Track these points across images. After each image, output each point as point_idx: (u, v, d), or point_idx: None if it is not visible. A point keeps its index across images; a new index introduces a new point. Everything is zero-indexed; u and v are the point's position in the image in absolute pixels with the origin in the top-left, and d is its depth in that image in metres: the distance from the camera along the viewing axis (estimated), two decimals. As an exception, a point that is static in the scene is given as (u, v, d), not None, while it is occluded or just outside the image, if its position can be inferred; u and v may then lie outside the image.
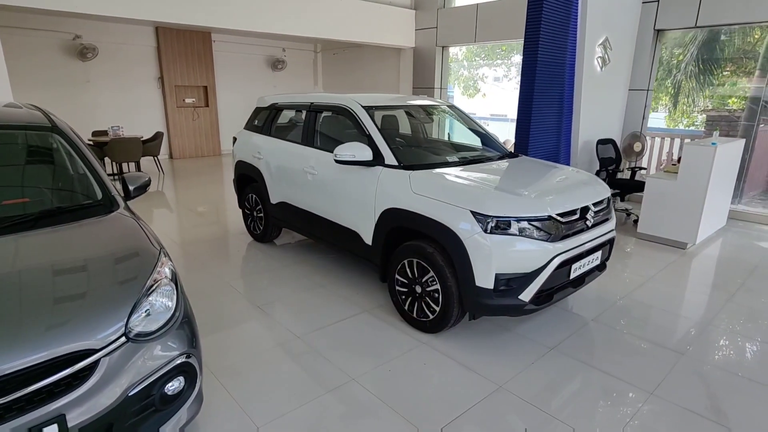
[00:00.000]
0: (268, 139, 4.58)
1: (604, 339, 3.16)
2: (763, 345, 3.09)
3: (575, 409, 2.43)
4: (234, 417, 2.31)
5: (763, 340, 3.14)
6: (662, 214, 5.00)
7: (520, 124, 5.63)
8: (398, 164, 3.28)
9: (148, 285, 1.81)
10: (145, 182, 2.64)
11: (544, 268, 2.73)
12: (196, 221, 5.93)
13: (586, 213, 3.01)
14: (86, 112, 9.50)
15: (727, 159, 5.03)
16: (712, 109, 7.72)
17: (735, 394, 2.57)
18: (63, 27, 8.90)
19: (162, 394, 1.78)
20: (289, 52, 12.53)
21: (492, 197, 2.82)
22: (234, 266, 4.42)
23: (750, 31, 6.76)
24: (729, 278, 4.23)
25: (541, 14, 5.21)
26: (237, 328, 3.20)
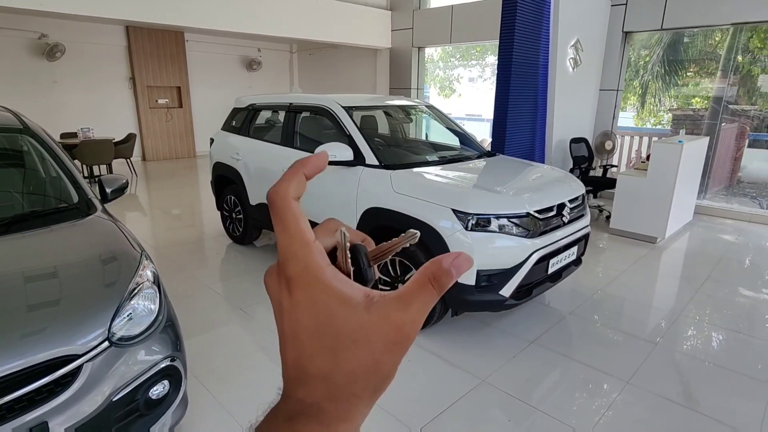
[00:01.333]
0: (247, 140, 4.53)
1: (581, 331, 3.26)
2: (729, 332, 3.24)
3: (556, 399, 2.51)
4: (221, 420, 2.29)
5: (728, 328, 3.29)
6: (633, 210, 5.18)
7: (497, 124, 5.73)
8: (379, 164, 3.31)
9: (131, 288, 1.78)
10: (122, 185, 2.59)
11: (524, 264, 2.80)
12: (173, 224, 5.82)
13: (562, 209, 3.10)
14: (53, 113, 9.18)
15: (692, 156, 5.25)
16: (677, 108, 8.03)
17: (705, 380, 2.69)
18: (27, 26, 8.58)
19: (146, 398, 1.75)
20: (264, 52, 12.39)
21: (472, 195, 2.88)
22: (213, 269, 4.36)
23: (711, 34, 7.07)
24: (696, 270, 4.42)
25: (515, 16, 5.32)
26: (219, 331, 3.17)
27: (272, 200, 0.31)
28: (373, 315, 0.28)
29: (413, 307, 0.28)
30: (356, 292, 0.29)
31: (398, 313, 0.28)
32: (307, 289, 0.30)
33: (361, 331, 0.28)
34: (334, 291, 0.29)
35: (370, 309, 0.29)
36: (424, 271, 0.28)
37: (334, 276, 0.30)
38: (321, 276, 0.30)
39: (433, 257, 0.29)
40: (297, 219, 0.30)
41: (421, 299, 0.28)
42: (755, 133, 7.26)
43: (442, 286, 0.28)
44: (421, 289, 0.28)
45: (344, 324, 0.29)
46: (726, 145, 7.47)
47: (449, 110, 16.81)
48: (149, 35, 10.04)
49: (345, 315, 0.29)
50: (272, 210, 0.31)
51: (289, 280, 0.30)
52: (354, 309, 0.29)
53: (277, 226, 0.30)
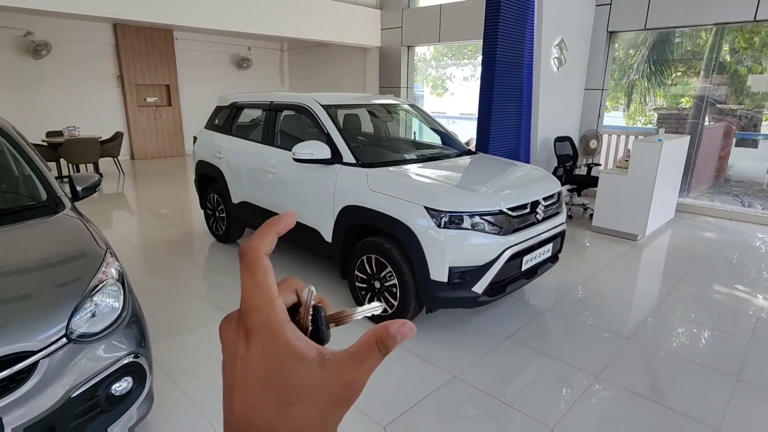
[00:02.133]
0: (229, 138, 4.54)
1: (556, 327, 3.30)
2: (700, 328, 3.29)
3: (525, 394, 2.54)
4: (190, 418, 2.31)
5: (700, 324, 3.34)
6: (614, 207, 5.23)
7: (481, 123, 5.76)
8: (356, 162, 3.32)
9: (92, 286, 1.79)
10: (93, 183, 2.59)
11: (496, 261, 2.83)
12: (158, 223, 5.81)
13: (536, 207, 3.12)
14: (40, 112, 9.13)
15: (673, 155, 5.30)
16: (662, 107, 8.10)
17: (674, 374, 2.73)
18: (13, 23, 8.52)
19: (108, 394, 1.76)
20: (254, 50, 12.37)
21: (445, 193, 2.90)
22: (195, 267, 4.36)
23: (696, 34, 7.13)
24: (675, 267, 4.47)
25: (498, 15, 5.35)
26: (195, 329, 3.17)
27: (244, 253, 0.32)
28: (325, 372, 0.30)
29: (363, 366, 0.30)
30: (311, 349, 0.31)
31: (349, 371, 0.30)
32: (265, 341, 0.31)
33: (313, 385, 0.30)
34: (291, 346, 0.31)
35: (323, 366, 0.30)
36: (372, 334, 0.30)
37: (293, 332, 0.31)
38: (281, 330, 0.31)
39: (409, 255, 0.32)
40: (265, 273, 0.32)
41: (369, 359, 0.30)
42: (742, 132, 7.34)
43: (387, 348, 0.30)
44: (370, 350, 0.30)
45: (297, 378, 0.30)
46: (710, 144, 7.54)
47: (443, 109, 16.90)
48: (137, 33, 9.99)
49: (298, 370, 0.30)
50: (242, 262, 0.32)
51: (249, 331, 0.31)
52: (308, 365, 0.30)
53: (244, 278, 0.32)
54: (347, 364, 0.30)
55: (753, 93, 6.84)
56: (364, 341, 0.31)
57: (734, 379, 2.68)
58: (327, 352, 0.31)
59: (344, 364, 0.30)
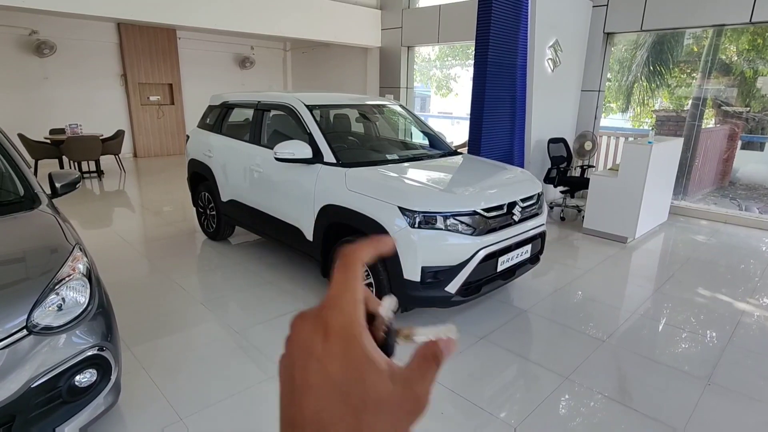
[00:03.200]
0: (219, 137, 4.60)
1: (533, 328, 3.31)
2: (677, 331, 3.28)
3: (492, 394, 2.56)
4: (158, 409, 2.36)
5: (678, 327, 3.33)
6: (605, 210, 5.22)
7: (473, 124, 5.78)
8: (336, 162, 3.36)
9: (56, 280, 1.85)
10: (73, 180, 2.65)
11: (469, 261, 2.85)
12: (153, 220, 5.90)
13: (513, 208, 3.14)
14: (44, 110, 9.29)
15: (664, 157, 5.27)
16: (660, 109, 8.05)
17: (645, 376, 2.74)
18: (18, 22, 8.68)
19: (71, 386, 1.82)
20: (257, 50, 12.47)
21: (419, 193, 2.93)
22: (184, 264, 4.43)
23: (693, 36, 7.08)
24: (661, 270, 4.46)
25: (490, 16, 5.36)
26: (176, 324, 3.23)
27: (345, 254, 0.33)
28: (396, 385, 0.30)
29: (427, 380, 0.30)
30: (382, 361, 0.31)
31: (420, 385, 0.30)
32: (345, 342, 0.30)
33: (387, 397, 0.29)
34: (367, 354, 0.30)
35: (394, 379, 0.30)
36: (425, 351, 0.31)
37: (369, 340, 0.31)
38: (360, 336, 0.31)
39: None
40: (357, 278, 0.32)
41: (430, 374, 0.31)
42: (749, 135, 7.26)
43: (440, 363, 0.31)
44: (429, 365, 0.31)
45: (372, 387, 0.29)
46: (710, 147, 7.48)
47: (450, 110, 16.87)
48: (141, 32, 10.12)
49: (374, 379, 0.30)
50: (341, 261, 0.33)
51: (329, 328, 0.31)
52: (381, 375, 0.30)
53: (337, 276, 0.32)
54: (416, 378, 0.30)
55: (761, 95, 6.77)
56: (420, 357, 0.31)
57: (705, 381, 2.68)
58: (395, 366, 0.31)
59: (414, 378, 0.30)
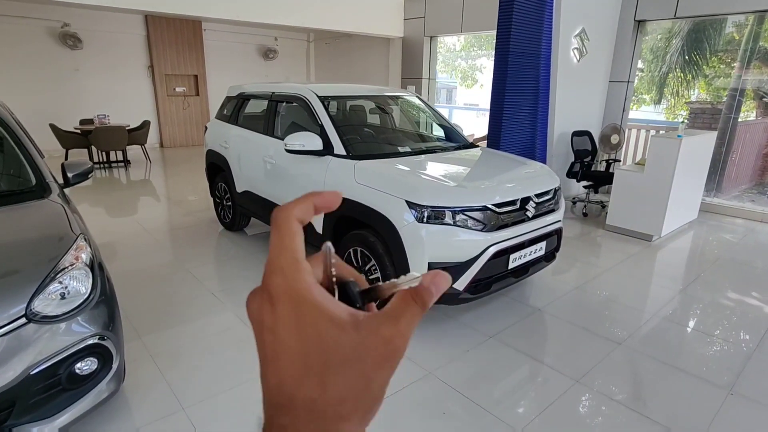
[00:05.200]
0: (234, 128, 4.62)
1: (546, 328, 3.21)
2: (700, 336, 3.11)
3: (497, 395, 2.49)
4: (161, 397, 2.39)
5: (701, 331, 3.16)
6: (629, 206, 5.01)
7: (493, 117, 5.62)
8: (346, 154, 3.32)
9: (59, 269, 1.87)
10: (85, 170, 2.69)
11: (478, 258, 2.77)
12: (174, 210, 6.01)
13: (526, 204, 3.03)
14: (75, 100, 9.58)
15: (695, 151, 5.01)
16: (695, 101, 7.66)
17: (660, 382, 2.61)
18: (51, 15, 8.94)
19: (71, 373, 1.85)
20: (281, 41, 12.50)
21: (427, 187, 2.85)
22: (200, 254, 4.48)
23: (732, 23, 6.68)
24: (687, 271, 4.25)
25: (512, 3, 5.18)
26: (186, 314, 3.27)
27: (275, 216, 0.31)
28: (362, 333, 0.28)
29: (402, 322, 0.28)
30: (343, 312, 0.29)
31: (388, 328, 0.28)
32: (293, 305, 0.29)
33: (351, 350, 0.28)
34: (321, 309, 0.29)
35: (358, 327, 0.28)
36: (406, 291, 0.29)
37: (321, 294, 0.29)
38: (307, 293, 0.29)
39: (390, 249, 0.30)
40: (293, 235, 0.30)
41: (408, 314, 0.29)
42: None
43: (425, 302, 0.29)
44: (407, 305, 0.29)
45: (333, 343, 0.28)
46: (748, 141, 7.08)
47: (476, 101, 16.55)
48: (168, 24, 10.29)
49: (334, 335, 0.28)
50: (273, 224, 0.31)
51: (273, 295, 0.29)
52: (342, 328, 0.28)
53: (272, 240, 0.30)
54: (386, 321, 0.28)
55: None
56: (398, 297, 0.29)
57: (726, 391, 2.53)
58: (360, 313, 0.29)
59: (382, 321, 0.28)
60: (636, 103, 10.68)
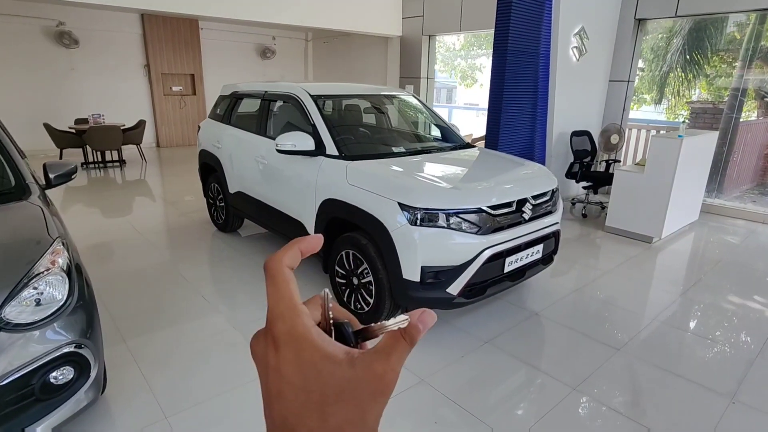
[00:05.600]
0: (227, 127, 4.54)
1: (543, 333, 3.13)
2: (701, 341, 3.04)
3: (491, 404, 2.41)
4: (144, 405, 2.31)
5: (704, 337, 3.09)
6: (629, 207, 4.93)
7: (491, 117, 5.54)
8: (339, 154, 3.24)
9: (32, 274, 1.80)
10: (68, 171, 2.62)
11: (473, 261, 2.69)
12: (167, 210, 5.94)
13: (523, 206, 2.95)
14: (71, 99, 9.50)
15: (696, 152, 4.93)
16: (696, 101, 7.58)
17: (661, 391, 2.53)
18: (46, 14, 8.86)
19: (45, 383, 1.77)
20: (279, 40, 12.42)
21: (420, 189, 2.78)
22: (192, 256, 4.41)
23: (733, 21, 6.60)
24: (688, 273, 4.17)
25: (511, 2, 5.10)
26: (174, 317, 3.19)
27: (267, 266, 0.34)
28: (357, 369, 0.31)
29: (392, 358, 0.31)
30: (339, 351, 0.32)
31: (380, 364, 0.31)
32: (294, 346, 0.31)
33: (347, 384, 0.30)
34: (319, 349, 0.31)
35: (353, 364, 0.31)
36: (395, 331, 0.31)
37: (319, 335, 0.32)
38: (307, 335, 0.32)
39: (382, 251, 0.38)
40: (287, 283, 0.33)
41: (397, 351, 0.31)
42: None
43: (413, 338, 0.31)
44: (396, 342, 0.31)
45: (330, 379, 0.30)
46: (750, 141, 7.01)
47: (476, 101, 16.47)
48: (164, 23, 10.21)
49: (330, 371, 0.31)
50: (266, 274, 0.34)
51: (276, 339, 0.32)
52: (339, 365, 0.31)
53: (269, 289, 0.33)
54: (377, 358, 0.31)
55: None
56: (388, 335, 0.32)
57: (728, 399, 2.45)
58: (355, 352, 0.32)
59: (374, 359, 0.31)
60: (637, 103, 10.60)
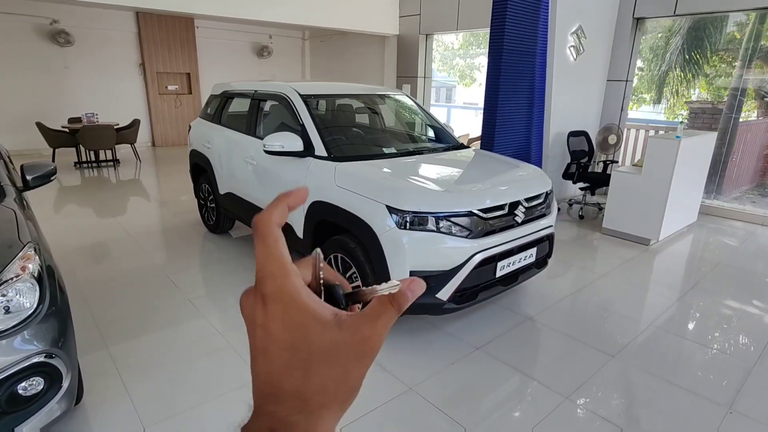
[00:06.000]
0: (217, 127, 4.47)
1: (536, 339, 3.06)
2: (698, 348, 2.96)
3: (480, 413, 2.34)
4: (123, 415, 2.24)
5: (701, 344, 3.01)
6: (626, 209, 4.86)
7: (487, 117, 5.47)
8: (328, 155, 3.16)
9: (1, 281, 1.72)
10: (47, 172, 2.55)
11: (463, 266, 2.62)
12: (159, 211, 5.86)
13: (515, 208, 2.88)
14: (65, 98, 9.42)
15: (695, 153, 4.85)
16: (695, 101, 7.50)
17: (656, 400, 2.46)
18: (39, 11, 8.78)
19: (12, 395, 1.70)
20: (276, 39, 12.33)
21: (409, 191, 2.70)
22: (180, 258, 4.34)
23: (733, 20, 6.52)
24: (685, 277, 4.10)
25: (506, 1, 5.02)
26: (159, 322, 3.12)
27: (256, 225, 0.33)
28: (343, 331, 0.31)
29: (379, 323, 0.32)
30: (327, 312, 0.32)
31: (367, 328, 0.31)
32: (282, 305, 0.31)
33: (334, 345, 0.31)
34: (308, 309, 0.31)
35: (341, 326, 0.31)
36: (384, 296, 0.32)
37: (309, 296, 0.32)
38: (296, 295, 0.32)
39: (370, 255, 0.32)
40: (277, 242, 0.33)
41: (384, 316, 0.32)
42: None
43: (401, 305, 0.32)
44: (384, 308, 0.32)
45: (318, 339, 0.31)
46: (749, 141, 6.94)
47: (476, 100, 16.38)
48: (159, 22, 10.12)
49: (318, 331, 0.31)
50: (255, 233, 0.33)
51: (265, 296, 0.32)
52: (326, 326, 0.31)
53: (258, 248, 0.32)
54: (364, 321, 0.31)
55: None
56: (377, 300, 0.32)
57: (725, 409, 2.38)
58: (342, 314, 0.32)
59: (361, 322, 0.31)
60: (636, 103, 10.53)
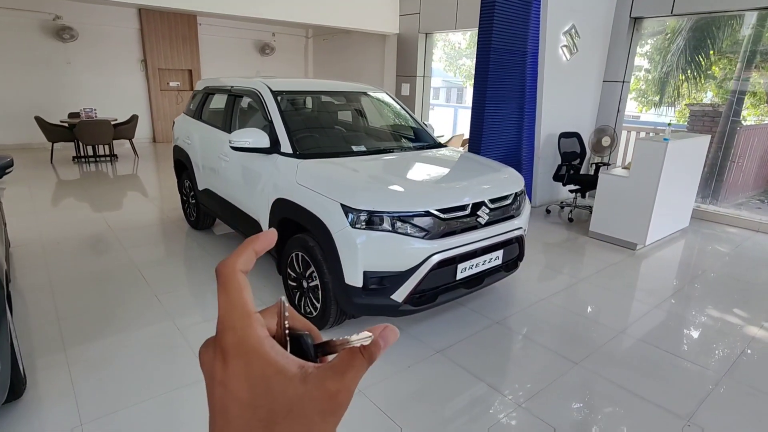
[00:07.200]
0: (197, 123, 4.46)
1: (499, 344, 2.98)
2: (667, 357, 2.85)
3: (429, 420, 2.27)
4: (64, 411, 2.22)
5: (671, 353, 2.91)
6: (614, 212, 4.74)
7: (474, 118, 5.39)
8: (293, 152, 3.12)
9: None
10: (3, 164, 2.54)
11: (419, 268, 2.56)
12: (147, 207, 5.88)
13: (478, 209, 2.81)
14: (67, 93, 9.53)
15: (685, 156, 4.71)
16: (695, 103, 7.32)
17: (613, 410, 2.37)
18: (42, 7, 8.89)
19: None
20: (279, 37, 12.35)
21: (365, 190, 2.64)
22: (158, 255, 4.33)
23: (733, 21, 6.34)
24: (668, 283, 3.98)
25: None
26: (122, 319, 3.10)
27: (219, 271, 0.31)
28: (309, 385, 0.29)
29: (347, 376, 0.29)
30: (292, 364, 0.30)
31: (333, 382, 0.29)
32: (244, 359, 0.29)
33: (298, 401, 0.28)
34: (271, 361, 0.29)
35: (306, 380, 0.29)
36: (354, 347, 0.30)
37: (272, 348, 0.30)
38: (258, 346, 0.30)
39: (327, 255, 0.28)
40: (240, 290, 0.31)
41: (353, 368, 0.29)
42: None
43: (372, 356, 0.29)
44: (353, 358, 0.29)
45: (280, 395, 0.29)
46: (751, 145, 6.74)
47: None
48: (162, 18, 10.20)
49: (281, 386, 0.29)
50: (218, 281, 0.31)
51: (225, 350, 0.30)
52: (290, 380, 0.29)
53: (220, 297, 0.31)
54: (332, 375, 0.29)
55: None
56: (346, 351, 0.30)
57: (683, 421, 2.28)
58: (309, 366, 0.30)
59: (328, 376, 0.29)
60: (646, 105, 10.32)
